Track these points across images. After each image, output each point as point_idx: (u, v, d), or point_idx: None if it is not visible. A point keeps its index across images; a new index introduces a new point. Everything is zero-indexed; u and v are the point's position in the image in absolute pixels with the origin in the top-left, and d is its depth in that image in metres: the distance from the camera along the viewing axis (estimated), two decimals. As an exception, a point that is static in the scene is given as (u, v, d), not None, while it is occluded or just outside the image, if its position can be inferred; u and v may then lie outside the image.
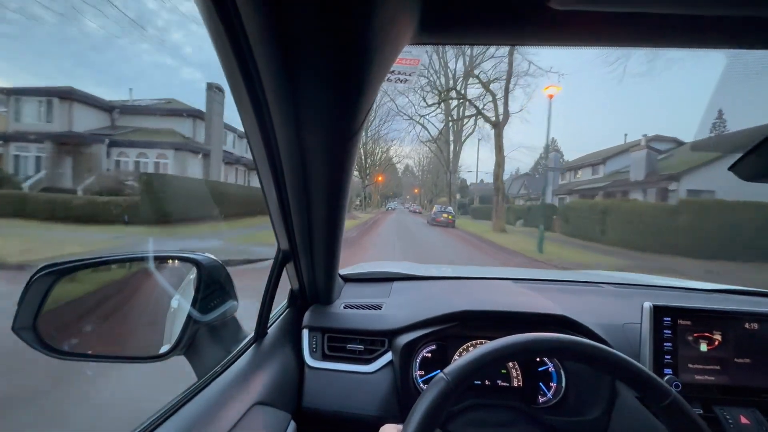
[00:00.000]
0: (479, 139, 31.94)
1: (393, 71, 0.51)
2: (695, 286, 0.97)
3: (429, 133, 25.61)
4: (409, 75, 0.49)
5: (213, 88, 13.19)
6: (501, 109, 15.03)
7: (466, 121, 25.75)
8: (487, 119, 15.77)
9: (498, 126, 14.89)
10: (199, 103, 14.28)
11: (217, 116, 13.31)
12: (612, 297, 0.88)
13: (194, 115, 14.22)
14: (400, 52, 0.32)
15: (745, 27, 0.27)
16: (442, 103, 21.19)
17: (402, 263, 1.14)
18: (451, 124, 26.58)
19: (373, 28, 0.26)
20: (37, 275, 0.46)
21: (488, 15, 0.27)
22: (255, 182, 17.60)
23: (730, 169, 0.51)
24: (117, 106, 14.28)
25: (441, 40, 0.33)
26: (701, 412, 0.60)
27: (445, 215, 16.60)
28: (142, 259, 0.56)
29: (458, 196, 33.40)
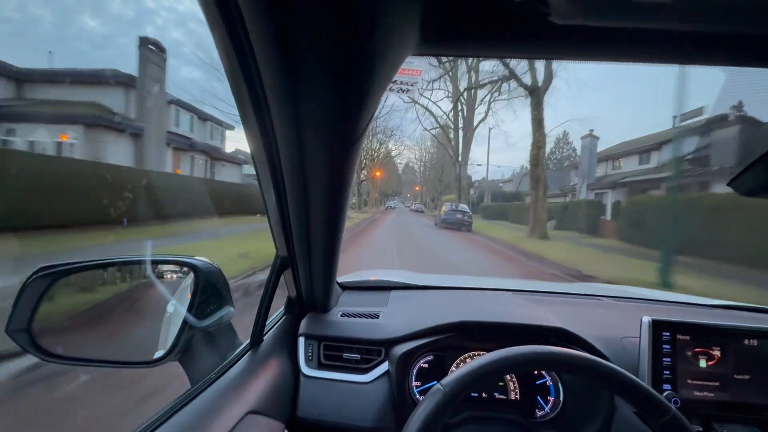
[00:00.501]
0: (491, 128, 33.16)
1: (395, 81, 0.68)
2: (695, 301, 1.20)
3: (433, 115, 25.90)
4: (411, 85, 0.66)
5: (147, 46, 12.27)
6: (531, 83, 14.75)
7: (477, 104, 25.75)
8: (522, 84, 14.96)
9: (536, 92, 14.18)
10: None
11: (153, 83, 12.56)
12: (611, 310, 1.10)
13: (125, 82, 13.44)
14: (403, 62, 0.41)
15: (744, 44, 0.34)
16: (448, 78, 20.84)
17: (400, 272, 1.37)
18: (460, 106, 26.80)
19: (376, 37, 0.33)
20: (33, 277, 0.60)
21: (490, 28, 0.35)
22: (220, 175, 17.08)
23: (729, 184, 0.63)
24: (25, 72, 13.49)
25: (443, 52, 0.43)
26: (701, 429, 0.74)
27: (460, 215, 16.25)
28: (139, 262, 0.72)
29: (472, 192, 33.83)
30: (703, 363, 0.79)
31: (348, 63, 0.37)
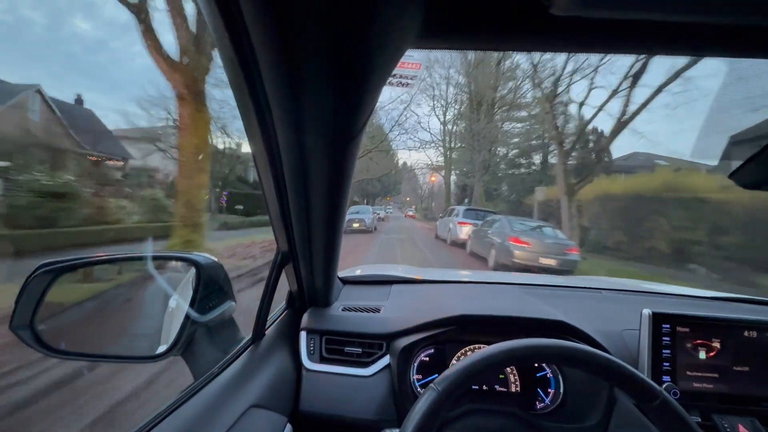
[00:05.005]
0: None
1: (395, 74, 0.67)
2: (695, 293, 1.20)
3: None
4: (411, 78, 0.65)
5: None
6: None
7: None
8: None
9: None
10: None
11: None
12: (611, 303, 1.10)
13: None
14: (402, 56, 0.39)
15: (746, 35, 0.34)
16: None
17: (401, 266, 1.39)
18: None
19: (374, 31, 0.33)
20: (35, 273, 0.61)
21: (490, 21, 0.34)
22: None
23: (730, 176, 0.63)
24: None
25: (443, 45, 0.43)
26: (699, 420, 0.75)
27: None
28: (141, 258, 0.71)
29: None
30: (702, 355, 0.80)
31: (347, 57, 0.36)
